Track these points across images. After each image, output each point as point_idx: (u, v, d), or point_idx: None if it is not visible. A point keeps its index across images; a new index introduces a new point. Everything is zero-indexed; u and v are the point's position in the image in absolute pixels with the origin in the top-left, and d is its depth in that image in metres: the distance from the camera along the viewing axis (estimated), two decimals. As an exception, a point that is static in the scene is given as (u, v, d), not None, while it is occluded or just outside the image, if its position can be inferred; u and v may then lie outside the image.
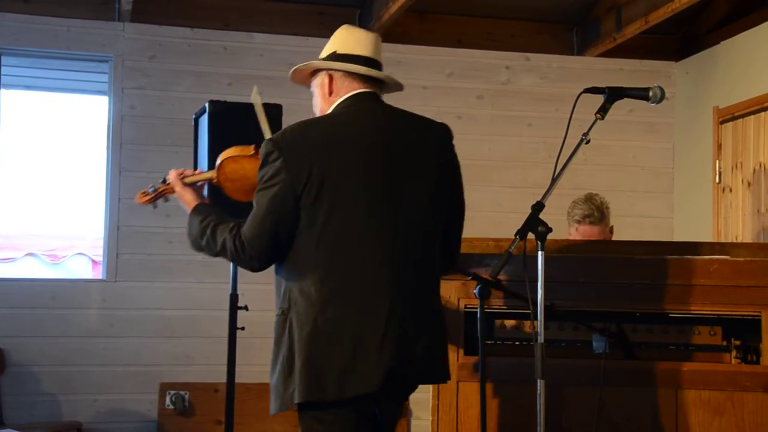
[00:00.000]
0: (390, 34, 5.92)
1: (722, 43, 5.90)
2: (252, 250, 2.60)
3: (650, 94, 2.93)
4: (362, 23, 6.00)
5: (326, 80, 2.75)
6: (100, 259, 6.10)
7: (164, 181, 2.92)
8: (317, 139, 2.61)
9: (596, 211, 4.08)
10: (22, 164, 7.85)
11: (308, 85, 2.86)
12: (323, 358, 2.51)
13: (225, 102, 4.11)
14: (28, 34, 5.61)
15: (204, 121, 4.71)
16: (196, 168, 4.96)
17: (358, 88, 2.73)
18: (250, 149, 2.86)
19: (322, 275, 2.54)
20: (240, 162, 2.85)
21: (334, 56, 2.74)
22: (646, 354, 3.21)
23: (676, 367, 3.10)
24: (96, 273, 8.16)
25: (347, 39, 2.76)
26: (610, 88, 2.91)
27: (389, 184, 2.61)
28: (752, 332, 3.12)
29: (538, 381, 2.68)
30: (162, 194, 2.98)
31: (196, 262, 5.48)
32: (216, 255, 2.73)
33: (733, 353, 3.19)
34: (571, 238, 4.16)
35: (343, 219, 2.55)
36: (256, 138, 3.05)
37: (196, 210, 2.78)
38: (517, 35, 6.33)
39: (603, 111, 2.87)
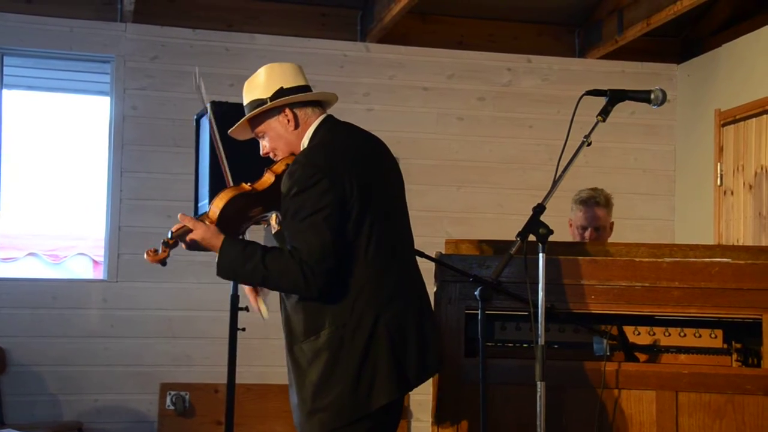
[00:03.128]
0: (391, 35, 5.93)
1: (724, 45, 5.89)
2: (322, 275, 2.57)
3: (652, 96, 2.94)
4: (364, 24, 6.00)
5: (289, 116, 2.76)
6: (101, 259, 6.10)
7: (170, 235, 2.75)
8: (345, 158, 2.67)
9: (602, 196, 4.12)
10: (24, 164, 7.85)
11: (256, 132, 2.83)
12: (403, 356, 2.65)
13: (227, 103, 4.10)
14: (30, 35, 5.61)
15: (205, 122, 4.72)
16: (197, 168, 4.97)
17: (321, 113, 2.82)
18: (246, 186, 2.73)
19: (375, 282, 2.65)
20: (239, 202, 2.71)
21: (283, 91, 2.75)
22: (646, 356, 3.22)
23: (676, 370, 3.10)
24: (97, 273, 8.15)
25: (286, 73, 2.78)
26: (612, 91, 2.92)
27: (394, 192, 2.82)
28: (753, 335, 3.12)
29: (539, 383, 2.69)
30: (177, 240, 2.77)
31: (197, 262, 5.47)
32: (262, 283, 2.70)
33: (734, 356, 3.19)
34: (572, 225, 4.14)
35: (380, 228, 2.67)
36: (255, 141, 3.03)
37: (231, 239, 2.67)
38: (518, 37, 6.33)
39: (604, 113, 2.88)
